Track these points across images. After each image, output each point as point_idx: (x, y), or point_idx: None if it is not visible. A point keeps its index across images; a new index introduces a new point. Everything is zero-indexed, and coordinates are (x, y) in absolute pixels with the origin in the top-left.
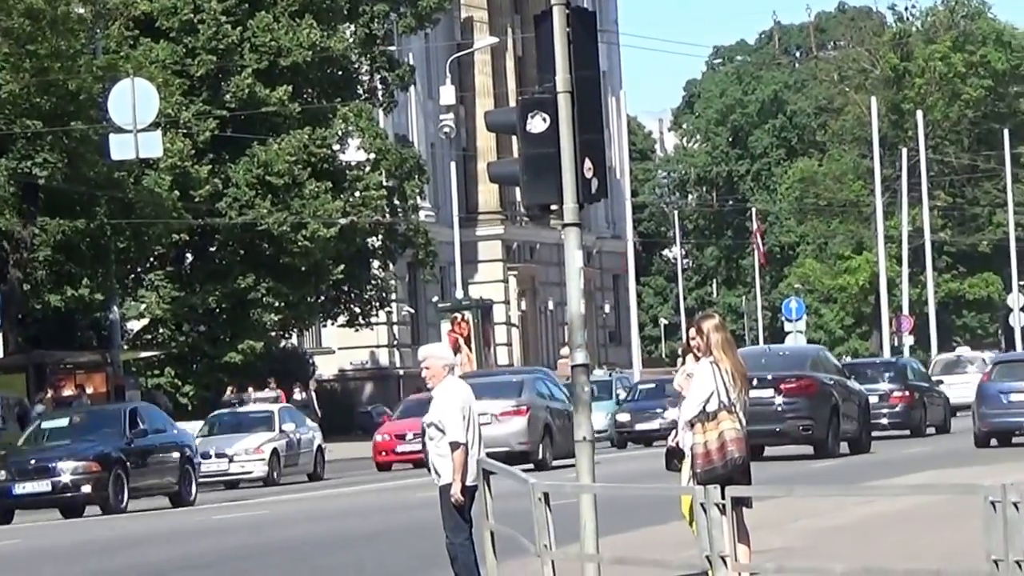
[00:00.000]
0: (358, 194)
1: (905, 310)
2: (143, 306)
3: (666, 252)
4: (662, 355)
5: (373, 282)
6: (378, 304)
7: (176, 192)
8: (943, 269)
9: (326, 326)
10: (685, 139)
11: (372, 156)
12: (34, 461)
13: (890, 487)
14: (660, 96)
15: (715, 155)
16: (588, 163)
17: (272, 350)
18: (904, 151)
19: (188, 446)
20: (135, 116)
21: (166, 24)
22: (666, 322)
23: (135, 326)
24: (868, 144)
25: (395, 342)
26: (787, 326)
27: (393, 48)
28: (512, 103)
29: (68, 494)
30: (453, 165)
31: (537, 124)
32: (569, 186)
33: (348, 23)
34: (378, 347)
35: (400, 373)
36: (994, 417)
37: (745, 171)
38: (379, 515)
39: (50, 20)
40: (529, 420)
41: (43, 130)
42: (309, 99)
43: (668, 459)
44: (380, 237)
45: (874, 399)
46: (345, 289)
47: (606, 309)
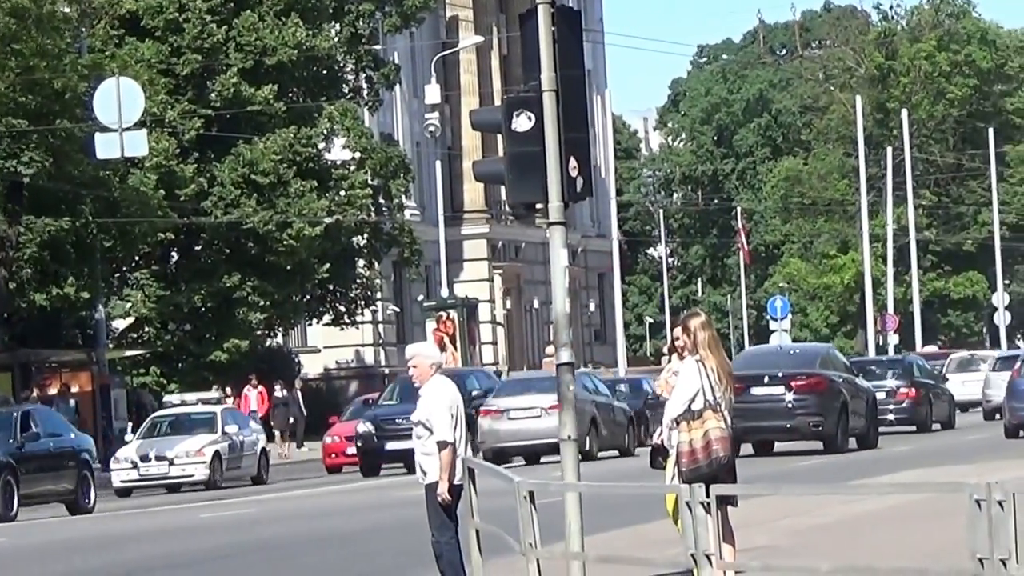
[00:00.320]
0: (343, 193)
1: (890, 309)
2: (128, 305)
3: (651, 251)
4: (647, 354)
5: (358, 281)
6: (363, 303)
7: (161, 191)
8: (928, 268)
9: (311, 325)
10: (670, 138)
11: (357, 155)
12: None
13: (876, 485)
14: (645, 95)
15: (700, 154)
16: (573, 162)
17: (257, 349)
18: (889, 150)
19: (86, 451)
20: (120, 115)
21: (151, 23)
22: (651, 321)
23: (120, 325)
24: (853, 143)
25: (380, 341)
26: (772, 325)
27: (378, 47)
28: (497, 102)
29: None
30: (438, 164)
31: (522, 123)
32: (554, 185)
33: (333, 22)
34: (363, 346)
35: (385, 372)
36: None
37: (730, 170)
38: (363, 513)
39: (35, 19)
40: (576, 413)
41: (28, 129)
42: (294, 98)
43: (653, 457)
44: (365, 236)
45: (881, 395)
46: (330, 288)
47: (591, 308)
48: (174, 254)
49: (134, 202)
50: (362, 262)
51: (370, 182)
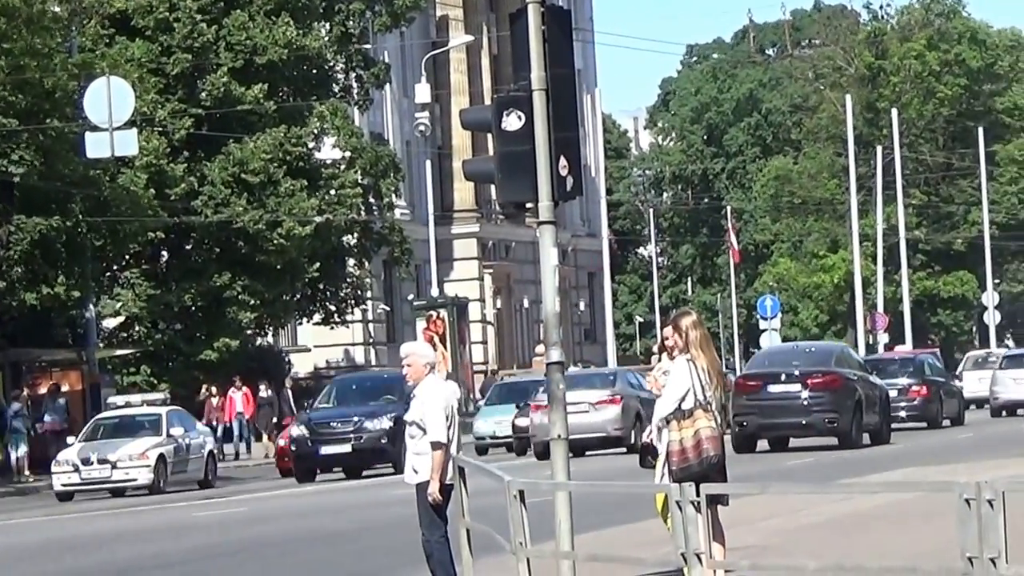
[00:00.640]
0: (333, 192)
1: (880, 308)
2: (119, 304)
3: (641, 250)
4: (637, 353)
5: (348, 280)
6: (353, 302)
7: (152, 190)
8: (918, 267)
9: (302, 324)
10: (660, 137)
11: (347, 154)
12: None
13: (865, 484)
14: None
15: (690, 153)
16: (563, 161)
17: (248, 348)
18: (879, 149)
19: None
20: (111, 114)
21: (141, 22)
22: (641, 320)
23: (111, 324)
24: (843, 142)
25: (371, 340)
26: (762, 324)
27: (368, 46)
28: (487, 101)
29: None
30: (428, 163)
31: (512, 122)
32: (544, 184)
33: (324, 21)
34: (353, 345)
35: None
36: None
37: (720, 169)
38: (353, 512)
39: (25, 18)
40: (622, 408)
41: (18, 128)
42: (284, 97)
43: (642, 456)
44: (355, 235)
45: (893, 393)
46: (320, 287)
47: (581, 307)
48: (164, 253)
49: (124, 201)
50: (352, 261)
51: (360, 181)
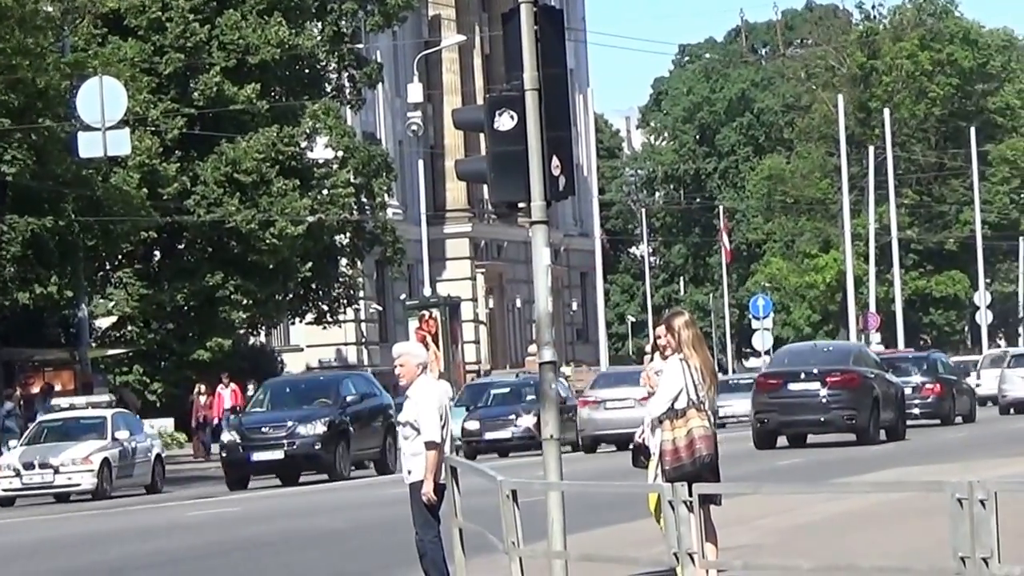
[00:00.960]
0: (326, 192)
1: (872, 308)
2: (111, 304)
3: (633, 250)
4: (629, 352)
5: (341, 280)
6: (346, 302)
7: (144, 190)
8: (910, 267)
9: (294, 323)
10: (652, 137)
11: (340, 154)
12: None
13: (858, 484)
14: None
15: (682, 153)
16: (556, 161)
17: (240, 347)
18: (871, 149)
19: None
20: (103, 114)
21: (134, 22)
22: (633, 320)
23: (103, 324)
24: (835, 142)
25: (363, 340)
26: (754, 324)
27: (361, 46)
28: (480, 101)
29: None
30: (421, 163)
31: (505, 122)
32: (537, 184)
33: (316, 21)
34: (346, 344)
35: (368, 371)
36: None
37: (712, 169)
38: (346, 512)
39: (18, 18)
40: None
41: (11, 128)
42: (277, 97)
43: (635, 456)
44: (348, 235)
45: (907, 390)
46: (313, 287)
47: (573, 307)
48: (157, 253)
49: (117, 201)
50: (345, 261)
51: (353, 181)
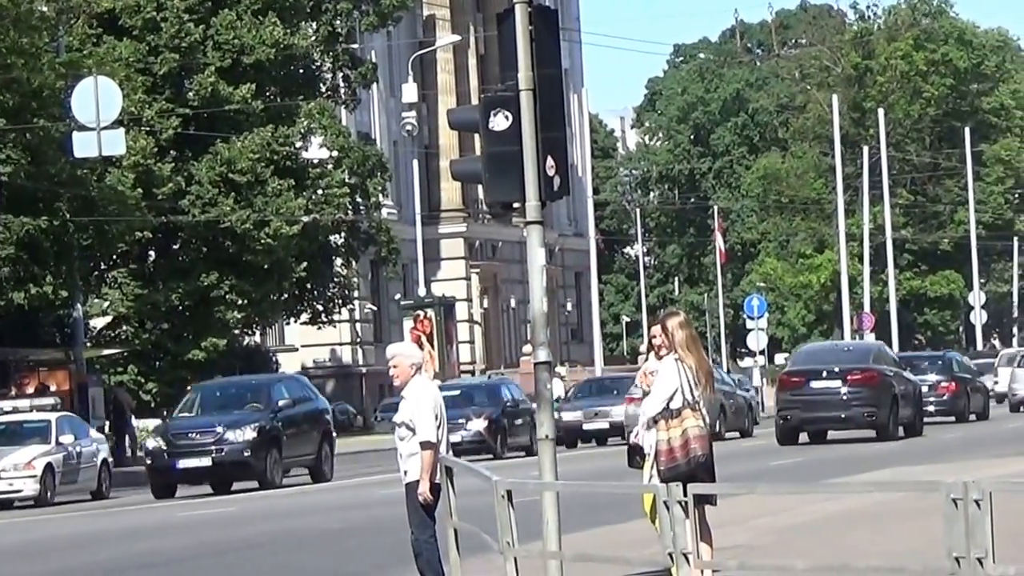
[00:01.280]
0: (321, 192)
1: (867, 308)
2: (106, 303)
3: (628, 250)
4: (623, 353)
5: (336, 280)
6: (341, 301)
7: (139, 190)
8: (904, 267)
9: (289, 324)
10: (647, 137)
11: (335, 154)
12: None
13: (852, 484)
14: (622, 94)
15: (677, 153)
16: (550, 161)
17: (235, 347)
18: (865, 149)
19: None
20: (98, 114)
21: (129, 22)
22: (628, 320)
23: (98, 323)
24: (830, 142)
25: (358, 339)
26: (749, 324)
27: (355, 46)
28: (474, 101)
29: None
30: (415, 163)
31: (499, 122)
32: (531, 184)
33: (311, 21)
34: (341, 344)
35: (363, 371)
36: None
37: (707, 169)
38: (341, 512)
39: (13, 17)
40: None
41: (6, 127)
42: (272, 97)
43: (630, 456)
44: (343, 235)
45: (924, 388)
46: (308, 287)
47: (568, 307)
48: (152, 253)
49: (112, 201)
50: (339, 261)
51: (347, 181)
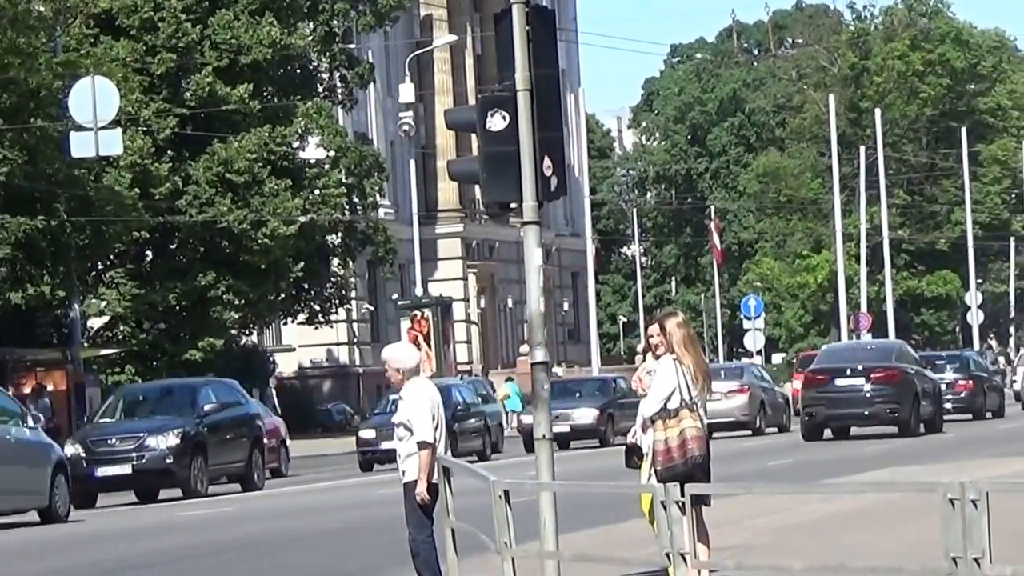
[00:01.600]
0: (318, 192)
1: (863, 308)
2: (103, 303)
3: (625, 250)
4: (621, 352)
5: (333, 280)
6: (338, 302)
7: (136, 190)
8: (901, 267)
9: (286, 323)
10: (644, 137)
11: (332, 154)
12: None
13: (850, 484)
14: (619, 94)
15: (674, 153)
16: (547, 161)
17: (232, 348)
18: (862, 149)
19: None
20: (95, 114)
21: (126, 22)
22: (625, 320)
23: (95, 323)
24: (826, 142)
25: (355, 340)
26: (746, 324)
27: (352, 46)
28: (472, 101)
29: None
30: (412, 163)
31: (496, 122)
32: (528, 184)
33: (308, 21)
34: (338, 344)
35: (360, 371)
36: None
37: (704, 169)
38: (338, 512)
39: (10, 17)
40: (749, 397)
41: (3, 128)
42: (269, 97)
43: (628, 456)
44: (340, 235)
45: (942, 387)
46: (305, 287)
47: (565, 307)
48: (149, 253)
49: (109, 201)
50: (336, 261)
51: (344, 181)
